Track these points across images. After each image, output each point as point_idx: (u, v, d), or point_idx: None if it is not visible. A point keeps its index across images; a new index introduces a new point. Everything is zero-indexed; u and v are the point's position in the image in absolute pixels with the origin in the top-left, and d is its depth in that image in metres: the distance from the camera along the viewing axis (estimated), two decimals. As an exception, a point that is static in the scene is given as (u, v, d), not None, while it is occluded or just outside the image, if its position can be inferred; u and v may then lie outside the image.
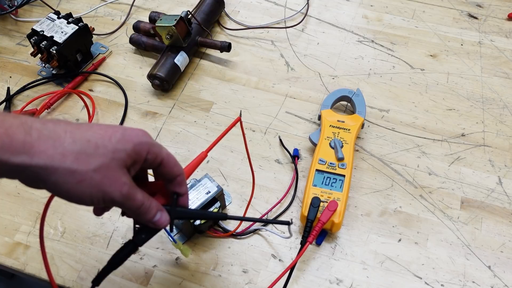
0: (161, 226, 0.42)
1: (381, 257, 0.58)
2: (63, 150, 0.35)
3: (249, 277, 0.56)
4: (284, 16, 0.85)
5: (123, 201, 0.38)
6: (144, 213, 0.40)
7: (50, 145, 0.35)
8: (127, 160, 0.38)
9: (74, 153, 0.35)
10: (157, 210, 0.41)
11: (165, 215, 0.42)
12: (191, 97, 0.74)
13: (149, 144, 0.40)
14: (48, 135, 0.35)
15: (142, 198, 0.40)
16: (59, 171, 0.35)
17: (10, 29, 0.84)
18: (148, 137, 0.40)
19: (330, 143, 0.62)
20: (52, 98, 0.71)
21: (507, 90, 0.73)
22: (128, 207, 0.39)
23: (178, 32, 0.70)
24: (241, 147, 0.67)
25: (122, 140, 0.38)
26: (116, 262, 0.43)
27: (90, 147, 0.36)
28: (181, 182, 0.43)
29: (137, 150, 0.39)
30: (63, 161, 0.35)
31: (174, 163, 0.42)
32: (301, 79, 0.75)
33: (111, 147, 0.37)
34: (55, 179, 0.35)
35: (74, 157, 0.35)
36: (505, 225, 0.60)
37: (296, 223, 0.60)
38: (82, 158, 0.35)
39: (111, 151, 0.37)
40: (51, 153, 0.34)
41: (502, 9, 0.84)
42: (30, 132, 0.34)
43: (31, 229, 0.60)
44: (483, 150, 0.67)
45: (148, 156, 0.40)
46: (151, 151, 0.40)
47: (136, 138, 0.39)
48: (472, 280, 0.56)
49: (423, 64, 0.77)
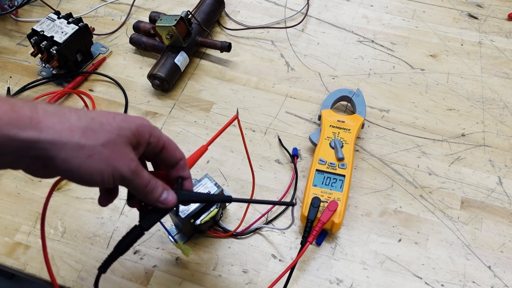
0: (168, 204, 0.42)
1: (381, 257, 0.58)
2: (70, 126, 0.35)
3: (249, 277, 0.56)
4: (284, 16, 0.85)
5: (131, 178, 0.38)
6: (151, 191, 0.40)
7: (57, 121, 0.35)
8: (132, 138, 0.38)
9: (81, 128, 0.35)
10: (164, 189, 0.41)
11: (171, 193, 0.42)
12: (191, 97, 0.74)
13: (151, 127, 0.40)
14: (53, 112, 0.35)
15: (149, 176, 0.40)
16: (68, 146, 0.34)
17: (10, 29, 0.84)
18: (149, 122, 0.41)
19: (330, 143, 0.62)
20: (52, 98, 0.71)
21: (507, 90, 0.73)
22: (136, 185, 0.39)
23: (178, 32, 0.70)
24: (241, 147, 0.67)
25: (126, 120, 0.38)
26: (123, 248, 0.43)
27: (95, 124, 0.36)
28: (184, 166, 0.44)
29: (140, 131, 0.39)
30: (71, 135, 0.34)
31: (175, 147, 0.43)
32: (301, 79, 0.75)
33: (115, 125, 0.37)
34: (64, 155, 0.34)
35: (81, 132, 0.35)
36: (505, 225, 0.60)
37: (296, 223, 0.60)
38: (89, 133, 0.35)
39: (117, 128, 0.37)
40: (58, 128, 0.34)
41: (502, 9, 0.84)
42: (36, 109, 0.34)
43: (31, 229, 0.60)
44: (483, 150, 0.67)
45: (151, 139, 0.40)
46: (154, 134, 0.40)
47: (138, 120, 0.39)
48: (472, 280, 0.56)
49: (423, 64, 0.77)
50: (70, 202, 0.62)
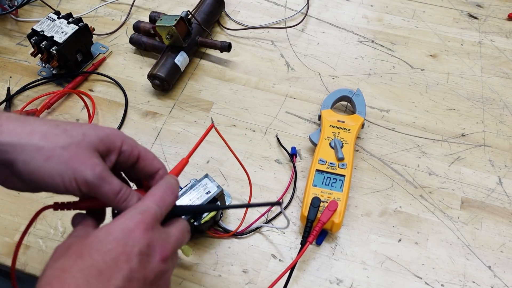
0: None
1: (381, 257, 0.58)
2: (31, 129, 0.35)
3: (249, 277, 0.56)
4: (284, 16, 0.85)
5: (97, 183, 0.36)
6: (125, 199, 0.38)
7: (18, 125, 0.35)
8: (98, 144, 0.37)
9: (41, 132, 0.35)
10: (139, 198, 0.39)
11: None
12: (191, 97, 0.74)
13: (124, 136, 0.40)
14: (16, 118, 0.36)
15: (121, 184, 0.38)
16: (26, 148, 0.35)
17: (10, 29, 0.84)
18: (123, 132, 0.40)
19: (330, 143, 0.62)
20: (52, 98, 0.71)
21: (507, 90, 0.73)
22: (104, 192, 0.37)
23: (178, 32, 0.70)
24: (241, 147, 0.67)
25: (94, 128, 0.38)
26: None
27: (58, 129, 0.36)
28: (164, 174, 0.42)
29: (111, 139, 0.38)
30: (31, 138, 0.35)
31: (153, 157, 0.42)
32: (301, 79, 0.75)
33: (80, 131, 0.37)
34: (24, 157, 0.34)
35: (41, 135, 0.35)
36: (505, 225, 0.60)
37: (296, 223, 0.60)
38: (50, 136, 0.35)
39: (81, 133, 0.37)
40: (19, 132, 0.35)
41: (502, 9, 0.84)
42: (0, 115, 0.35)
43: (31, 229, 0.60)
44: (483, 150, 0.67)
45: (124, 147, 0.39)
46: (127, 143, 0.39)
47: (109, 129, 0.39)
48: (472, 280, 0.56)
49: (423, 64, 0.77)
50: (70, 202, 0.62)
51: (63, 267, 0.33)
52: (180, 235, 0.39)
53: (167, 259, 0.37)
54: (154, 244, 0.36)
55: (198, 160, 0.66)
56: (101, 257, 0.33)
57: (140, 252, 0.34)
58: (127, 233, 0.35)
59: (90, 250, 0.34)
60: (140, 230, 0.35)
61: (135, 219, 0.36)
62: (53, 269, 0.33)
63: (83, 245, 0.34)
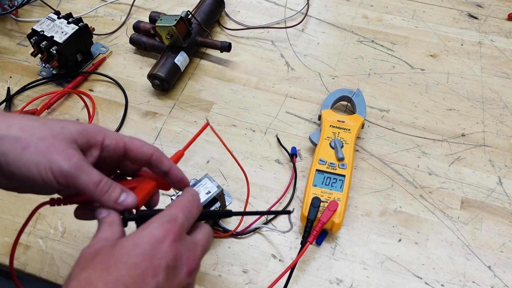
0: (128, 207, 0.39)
1: (381, 257, 0.58)
2: (10, 123, 0.36)
3: (249, 277, 0.56)
4: (284, 16, 0.85)
5: (75, 173, 0.36)
6: (107, 191, 0.37)
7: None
8: (77, 136, 0.37)
9: (20, 124, 0.37)
10: (122, 190, 0.39)
11: (131, 195, 0.39)
12: (191, 97, 0.74)
13: (105, 130, 0.40)
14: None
15: (100, 175, 0.37)
16: (6, 139, 0.36)
17: (10, 29, 0.84)
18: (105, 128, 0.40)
19: (330, 143, 0.62)
20: (52, 98, 0.71)
21: (507, 90, 0.73)
22: (83, 182, 0.36)
23: (178, 32, 0.70)
24: (241, 147, 0.67)
25: (75, 122, 0.39)
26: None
27: (37, 122, 0.37)
28: (159, 159, 0.41)
29: (90, 132, 0.38)
30: (9, 130, 0.36)
31: (141, 144, 0.41)
32: (301, 79, 0.75)
33: (60, 125, 0.38)
34: (3, 148, 0.35)
35: (19, 127, 0.36)
36: (505, 225, 0.60)
37: (296, 223, 0.60)
38: (28, 128, 0.36)
39: (60, 126, 0.37)
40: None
41: (502, 9, 0.84)
42: None
43: (31, 229, 0.60)
44: (483, 150, 0.67)
45: (106, 141, 0.39)
46: (109, 137, 0.39)
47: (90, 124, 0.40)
48: (472, 280, 0.56)
49: (423, 64, 0.77)
50: (70, 202, 0.62)
51: (88, 279, 0.33)
52: (206, 242, 0.40)
53: (193, 272, 0.37)
54: (182, 256, 0.36)
55: (198, 160, 0.66)
56: (127, 272, 0.33)
57: (167, 266, 0.34)
58: (155, 245, 0.35)
59: (116, 262, 0.33)
60: (168, 241, 0.35)
61: (163, 228, 0.35)
62: (78, 281, 0.33)
63: (110, 256, 0.34)
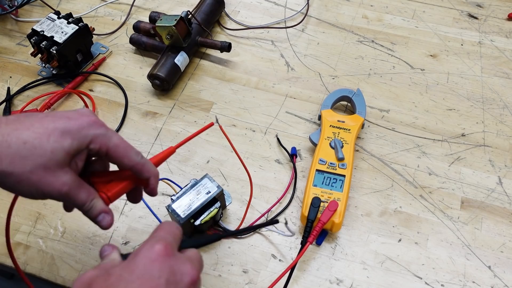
0: (103, 228, 0.42)
1: (381, 257, 0.58)
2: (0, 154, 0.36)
3: (249, 277, 0.56)
4: (284, 16, 0.85)
5: (65, 199, 0.39)
6: (87, 211, 0.41)
7: None
8: (66, 158, 0.38)
9: (9, 156, 0.36)
10: (101, 212, 0.41)
11: (108, 217, 0.42)
12: (191, 97, 0.74)
13: (92, 136, 0.39)
14: None
15: (85, 198, 0.40)
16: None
17: (10, 29, 0.84)
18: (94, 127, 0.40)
19: (330, 143, 0.62)
20: (52, 98, 0.71)
21: (507, 90, 0.73)
22: (72, 203, 0.40)
23: (178, 32, 0.70)
24: (241, 147, 0.67)
25: (61, 137, 0.38)
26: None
27: (26, 149, 0.37)
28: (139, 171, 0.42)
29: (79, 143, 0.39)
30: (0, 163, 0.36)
31: (123, 153, 0.41)
32: (301, 79, 0.75)
33: (49, 147, 0.37)
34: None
35: (9, 161, 0.36)
36: (505, 225, 0.60)
37: (297, 223, 0.60)
38: (17, 160, 0.36)
39: (49, 151, 0.37)
40: None
41: (502, 9, 0.84)
42: None
43: (31, 229, 0.60)
44: (483, 150, 0.67)
45: (91, 146, 0.39)
46: (95, 141, 0.39)
47: (77, 131, 0.39)
48: (472, 280, 0.56)
49: (423, 64, 0.77)
50: (70, 202, 0.62)
51: None
52: (200, 258, 0.40)
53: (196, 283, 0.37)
54: (180, 268, 0.36)
55: (198, 160, 0.66)
56: None
57: (167, 282, 0.35)
58: (149, 265, 0.35)
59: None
60: (162, 257, 0.36)
61: (154, 248, 0.36)
62: None
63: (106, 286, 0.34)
